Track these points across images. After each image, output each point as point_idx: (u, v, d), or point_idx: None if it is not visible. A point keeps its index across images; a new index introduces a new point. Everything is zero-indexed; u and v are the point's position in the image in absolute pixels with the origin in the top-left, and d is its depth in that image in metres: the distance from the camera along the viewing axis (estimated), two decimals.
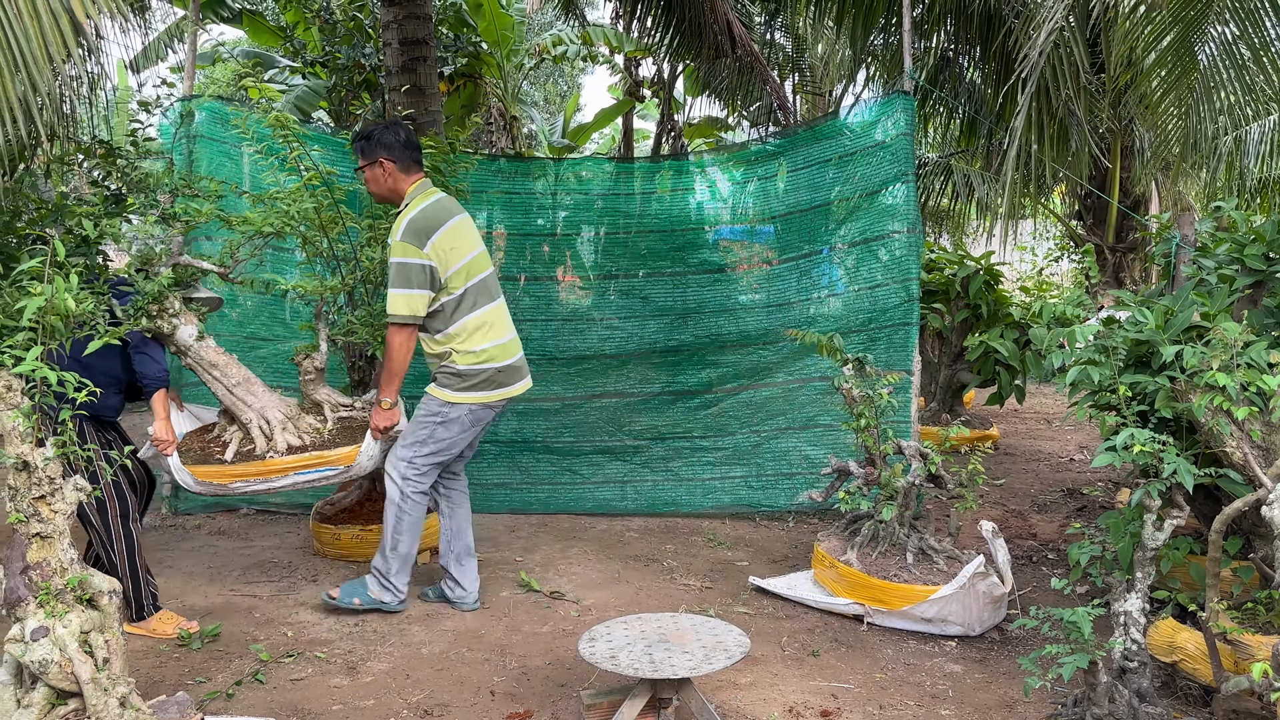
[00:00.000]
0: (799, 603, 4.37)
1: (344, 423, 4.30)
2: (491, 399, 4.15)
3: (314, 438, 4.15)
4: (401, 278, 3.91)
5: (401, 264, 3.90)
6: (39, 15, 3.86)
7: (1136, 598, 3.08)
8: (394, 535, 4.11)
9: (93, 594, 2.86)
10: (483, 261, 4.16)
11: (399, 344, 3.98)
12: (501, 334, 4.17)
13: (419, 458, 4.08)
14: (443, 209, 4.05)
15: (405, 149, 4.08)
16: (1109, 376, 3.29)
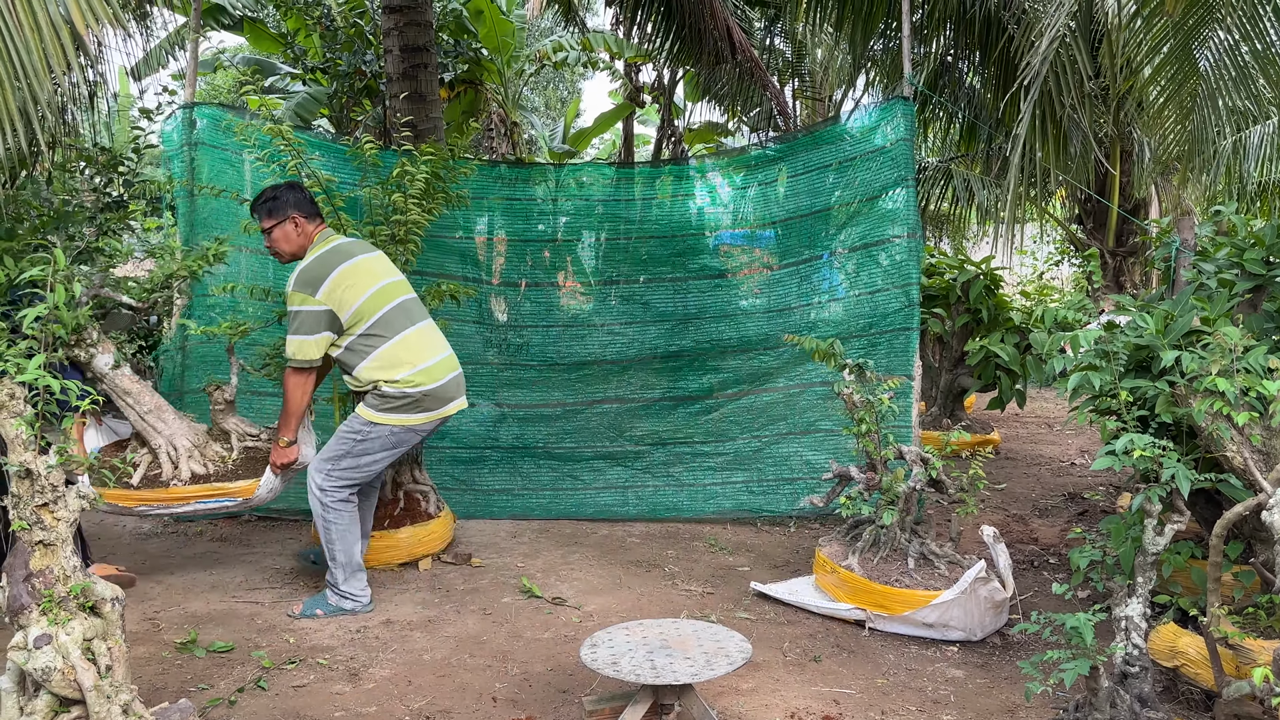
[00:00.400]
0: (800, 608, 4.37)
1: (250, 453, 4.44)
2: (415, 422, 4.24)
3: (218, 467, 4.32)
4: (295, 324, 4.10)
5: (294, 312, 4.10)
6: (39, 27, 3.87)
7: (1138, 603, 3.08)
8: (329, 546, 4.23)
9: (95, 601, 2.86)
10: (394, 290, 4.27)
11: (294, 386, 4.16)
12: (427, 357, 4.25)
13: (335, 470, 4.20)
14: (337, 254, 4.17)
15: (310, 204, 4.27)
16: (1110, 382, 3.30)
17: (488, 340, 6.39)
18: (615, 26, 10.53)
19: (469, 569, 4.92)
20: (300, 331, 4.09)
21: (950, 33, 7.68)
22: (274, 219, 4.19)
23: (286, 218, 4.18)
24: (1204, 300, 4.00)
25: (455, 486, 5.91)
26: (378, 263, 4.32)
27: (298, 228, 4.20)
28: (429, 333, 4.35)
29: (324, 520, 4.20)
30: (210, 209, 5.62)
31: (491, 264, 6.46)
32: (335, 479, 4.19)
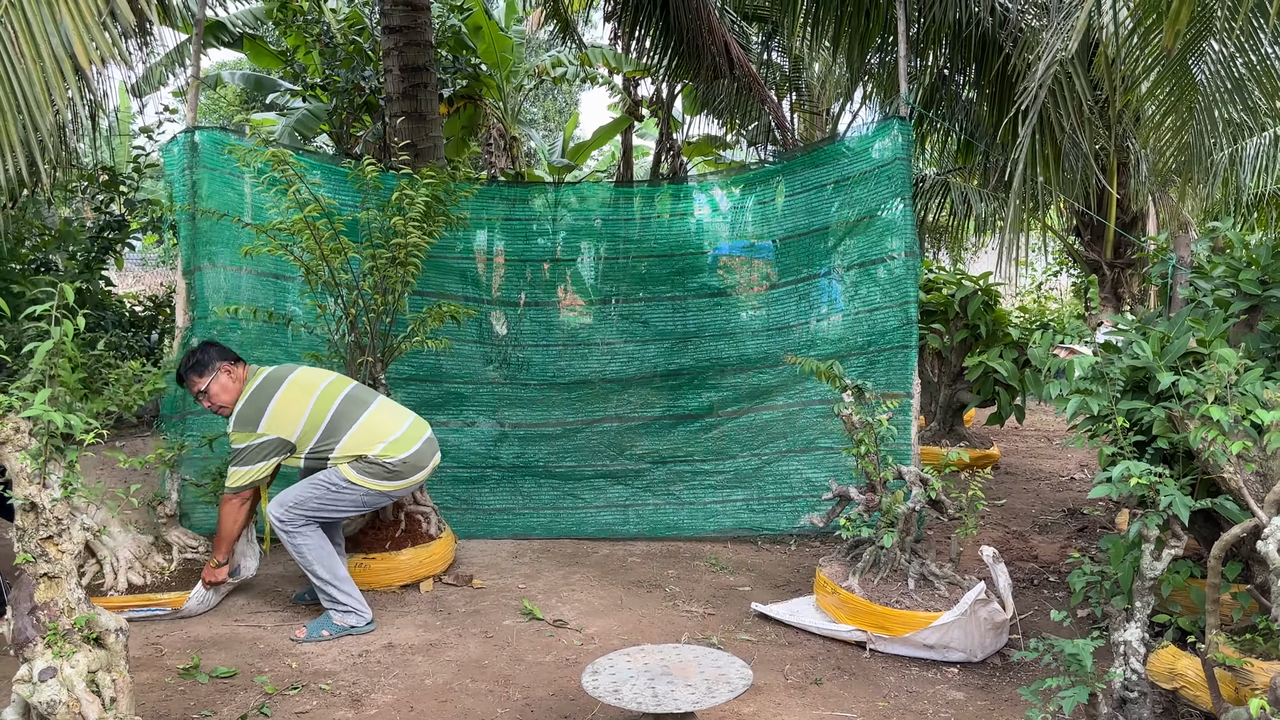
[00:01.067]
0: (801, 629, 4.38)
1: (189, 564, 4.76)
2: (391, 489, 4.43)
3: (156, 578, 4.62)
4: (240, 458, 4.27)
5: (241, 449, 4.26)
6: (41, 58, 3.91)
7: (1136, 627, 3.10)
8: (309, 570, 4.31)
9: (100, 633, 2.88)
10: (335, 388, 4.45)
11: (229, 513, 4.35)
12: (394, 429, 4.41)
13: (297, 509, 4.28)
14: (268, 384, 4.33)
15: (230, 351, 4.44)
16: (1106, 406, 3.32)
17: (488, 359, 6.42)
18: (614, 41, 10.58)
19: (470, 590, 4.93)
20: (245, 463, 4.26)
21: (946, 49, 7.71)
22: (205, 377, 4.30)
23: (216, 371, 4.31)
24: (1200, 321, 4.03)
25: (456, 506, 5.93)
26: (308, 375, 4.48)
27: (230, 376, 4.33)
28: (387, 408, 4.54)
29: (294, 548, 4.29)
30: (211, 230, 5.64)
31: (491, 283, 6.49)
32: (294, 513, 4.28)
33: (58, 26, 4.13)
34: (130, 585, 4.50)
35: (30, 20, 4.09)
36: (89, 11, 4.16)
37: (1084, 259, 10.91)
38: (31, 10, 4.09)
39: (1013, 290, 14.80)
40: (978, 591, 4.00)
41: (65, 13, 4.14)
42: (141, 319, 9.50)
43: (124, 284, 16.60)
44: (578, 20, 11.33)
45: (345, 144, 11.71)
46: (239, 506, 4.35)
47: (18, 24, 4.09)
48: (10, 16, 4.06)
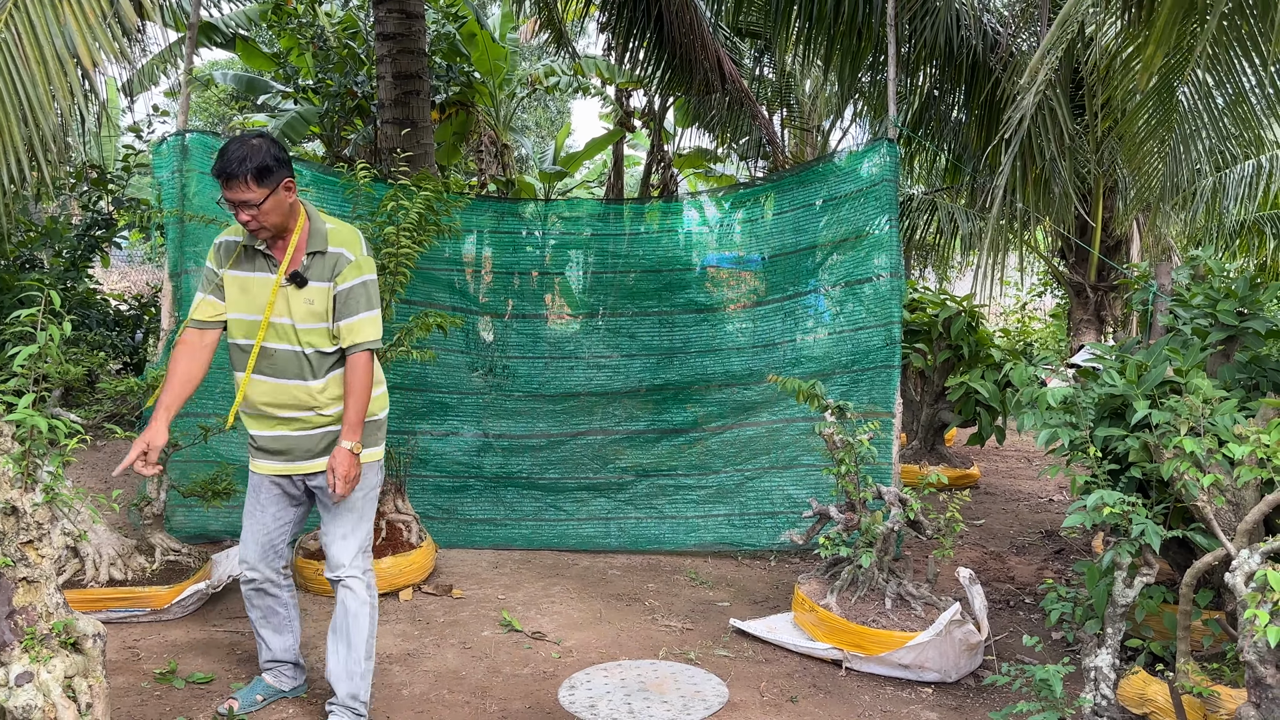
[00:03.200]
0: (779, 646, 4.41)
1: (170, 565, 4.71)
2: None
3: (137, 576, 4.57)
4: (368, 297, 3.34)
5: (364, 281, 3.33)
6: (45, 61, 3.93)
7: (1107, 653, 3.14)
8: (367, 644, 3.50)
9: (77, 637, 2.88)
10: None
11: (369, 373, 3.33)
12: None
13: (367, 552, 3.53)
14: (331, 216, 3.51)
15: (289, 157, 3.37)
16: (1081, 438, 3.36)
17: (473, 369, 6.43)
18: (607, 53, 10.64)
19: (450, 600, 4.94)
20: (376, 304, 3.36)
21: (936, 71, 7.80)
22: (268, 185, 3.18)
23: (280, 182, 3.22)
24: (1178, 350, 4.09)
25: (438, 516, 5.94)
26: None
27: (290, 192, 3.29)
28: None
29: (369, 608, 3.47)
30: (199, 233, 5.64)
31: (478, 293, 6.51)
32: (368, 560, 3.52)
33: (61, 28, 4.15)
34: (111, 580, 4.49)
35: (34, 21, 4.10)
36: (92, 12, 4.18)
37: (1068, 281, 11.01)
38: (35, 12, 4.10)
39: (997, 310, 14.92)
40: (953, 612, 4.04)
41: (69, 14, 4.16)
42: (126, 318, 9.48)
43: (109, 281, 16.52)
44: (571, 31, 11.37)
45: (335, 148, 11.72)
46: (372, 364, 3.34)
47: (22, 25, 4.10)
48: (14, 18, 4.08)
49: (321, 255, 3.29)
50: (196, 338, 3.36)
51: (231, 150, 3.17)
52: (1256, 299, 4.39)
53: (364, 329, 3.29)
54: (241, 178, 3.13)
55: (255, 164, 3.14)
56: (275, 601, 3.60)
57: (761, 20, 10.91)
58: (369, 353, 3.30)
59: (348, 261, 3.29)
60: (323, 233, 3.32)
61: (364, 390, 3.28)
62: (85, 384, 5.55)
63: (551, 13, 9.83)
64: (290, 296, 3.28)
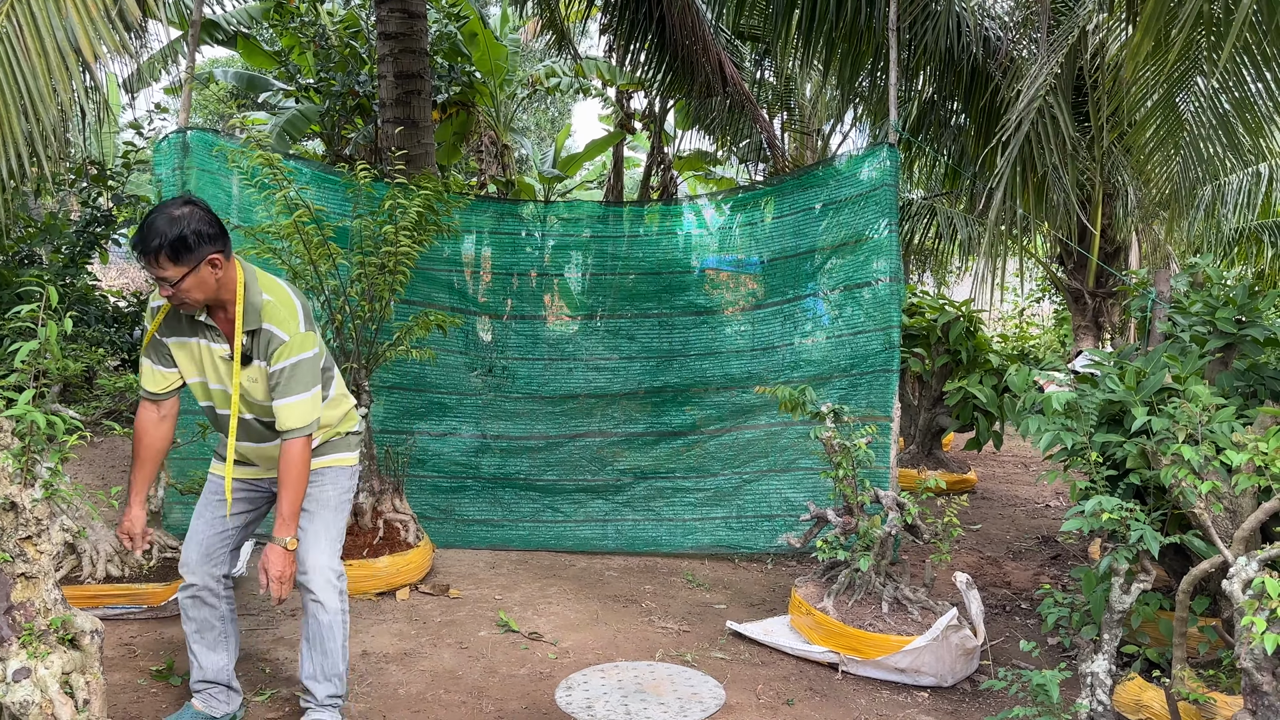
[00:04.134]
0: (775, 649, 4.41)
1: (167, 562, 4.71)
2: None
3: (134, 572, 4.58)
4: (302, 377, 3.11)
5: (297, 362, 3.11)
6: (46, 53, 3.92)
7: (1103, 659, 3.15)
8: (343, 648, 3.38)
9: (75, 634, 2.88)
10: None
11: (306, 459, 3.14)
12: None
13: (339, 545, 3.37)
14: (277, 277, 3.28)
15: (223, 228, 3.08)
16: (1081, 442, 3.37)
17: (472, 370, 6.43)
18: (608, 55, 10.65)
19: (447, 600, 4.94)
20: (312, 385, 3.14)
21: (936, 76, 7.81)
22: (187, 266, 2.92)
23: (201, 261, 2.94)
24: (1176, 358, 4.09)
25: (435, 516, 5.94)
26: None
27: (217, 267, 3.00)
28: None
29: (341, 617, 3.32)
30: None
31: (477, 294, 6.51)
32: (340, 565, 3.36)
33: (63, 21, 4.15)
34: (108, 576, 4.51)
35: (36, 14, 4.10)
36: (94, 5, 4.18)
37: (1066, 287, 11.03)
38: (37, 4, 4.10)
39: (995, 315, 14.94)
40: (950, 617, 4.05)
41: (71, 7, 4.16)
42: (125, 315, 9.47)
43: (108, 278, 16.50)
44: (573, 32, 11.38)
45: (336, 146, 11.72)
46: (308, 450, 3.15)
47: (23, 18, 4.10)
48: (16, 11, 4.08)
49: (256, 333, 3.10)
50: (153, 412, 3.24)
51: (150, 221, 2.92)
52: (1255, 307, 4.40)
53: (296, 413, 3.09)
54: (153, 256, 2.88)
55: (171, 239, 2.87)
56: (212, 614, 3.35)
57: (763, 24, 10.92)
58: (305, 439, 3.11)
59: (280, 342, 3.08)
60: (256, 308, 3.09)
61: (298, 480, 3.10)
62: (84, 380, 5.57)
63: (553, 14, 9.84)
64: (241, 374, 3.15)
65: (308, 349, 3.12)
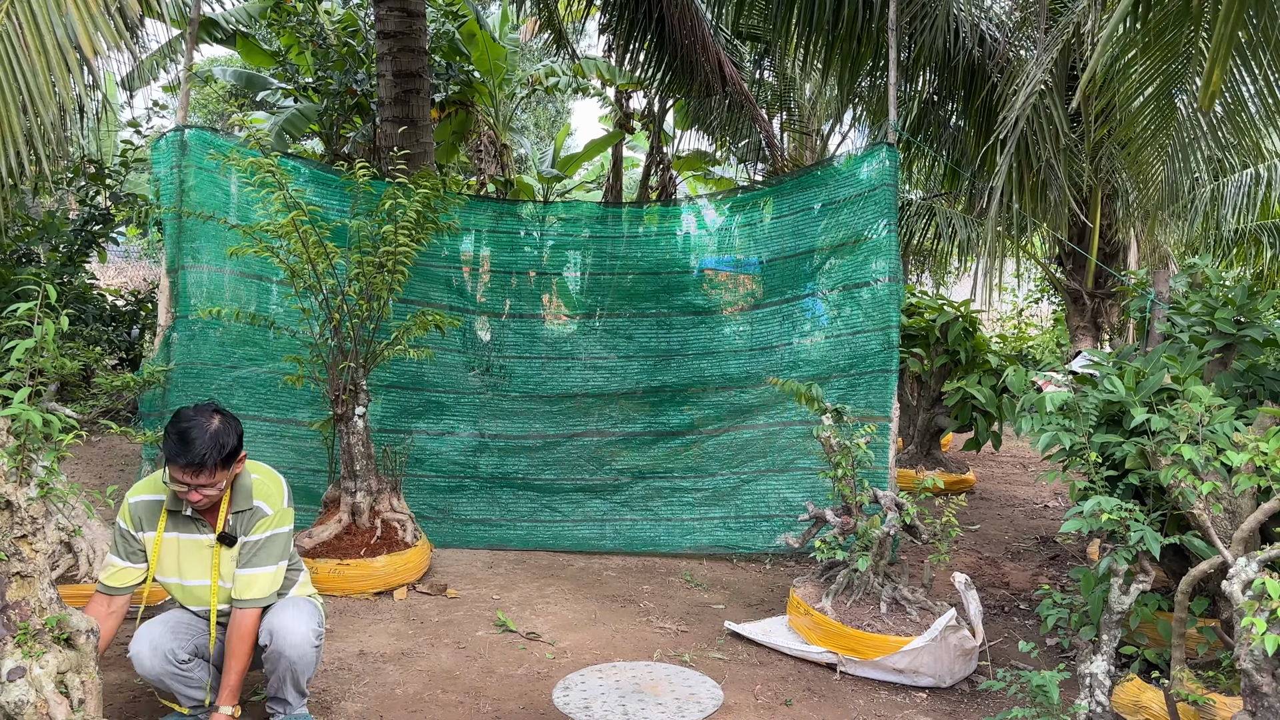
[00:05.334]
0: (773, 649, 4.40)
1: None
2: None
3: None
4: (275, 550, 3.26)
5: (273, 536, 3.26)
6: (45, 50, 3.91)
7: (1102, 660, 3.14)
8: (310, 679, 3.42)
9: (70, 633, 2.87)
10: None
11: (251, 635, 3.21)
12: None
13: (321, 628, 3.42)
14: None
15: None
16: (1079, 442, 3.36)
17: (470, 368, 6.43)
18: (608, 54, 10.63)
19: (444, 600, 4.93)
20: (281, 557, 3.29)
21: (934, 76, 7.81)
22: (225, 469, 3.14)
23: (238, 458, 3.20)
24: (1175, 358, 4.09)
25: (433, 516, 5.93)
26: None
27: (241, 464, 3.26)
28: None
29: (314, 659, 3.33)
30: (197, 229, 5.64)
31: (475, 293, 6.50)
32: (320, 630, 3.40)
33: (62, 18, 4.13)
34: None
35: (35, 11, 4.09)
36: (94, 2, 4.17)
37: (1065, 287, 11.03)
38: (37, 1, 4.09)
39: (994, 315, 14.94)
40: (949, 618, 4.04)
41: (71, 4, 4.14)
42: (123, 313, 9.46)
43: (106, 276, 16.49)
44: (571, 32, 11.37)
45: (334, 145, 11.71)
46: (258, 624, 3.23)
47: (23, 15, 4.09)
48: (15, 8, 4.06)
49: (245, 512, 3.22)
50: (104, 605, 3.20)
51: (192, 436, 3.03)
52: (1254, 307, 4.39)
53: (259, 584, 3.20)
54: (210, 469, 3.05)
55: (225, 454, 3.08)
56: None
57: (762, 24, 10.92)
58: (257, 612, 3.20)
59: (263, 515, 3.22)
60: (247, 488, 3.24)
61: (246, 652, 3.16)
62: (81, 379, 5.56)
63: (552, 14, 9.82)
64: (222, 557, 3.21)
65: (285, 525, 3.27)
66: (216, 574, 3.21)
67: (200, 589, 3.24)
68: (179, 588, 3.27)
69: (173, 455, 3.04)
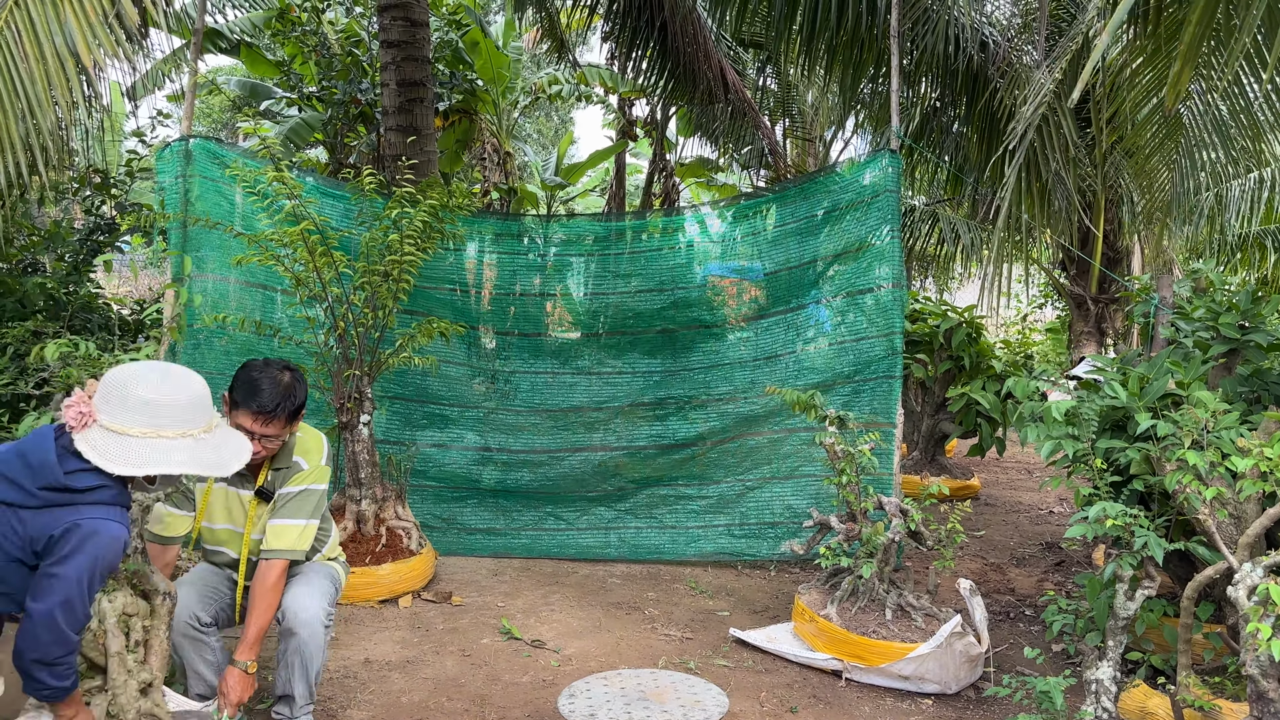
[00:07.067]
0: (779, 656, 4.40)
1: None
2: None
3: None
4: (313, 505, 3.33)
5: (318, 491, 3.35)
6: (44, 58, 3.93)
7: (1108, 666, 3.13)
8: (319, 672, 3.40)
9: (147, 589, 2.87)
10: None
11: (281, 585, 3.26)
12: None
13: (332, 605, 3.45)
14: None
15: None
16: (1084, 449, 3.36)
17: (474, 379, 6.43)
18: (610, 62, 10.67)
19: (449, 607, 4.93)
20: (313, 514, 3.33)
21: (937, 82, 7.81)
22: (294, 421, 3.27)
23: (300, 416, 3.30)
24: (1180, 363, 4.09)
25: (438, 524, 5.93)
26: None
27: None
28: None
29: (323, 646, 3.34)
30: (202, 238, 5.66)
31: (480, 306, 6.51)
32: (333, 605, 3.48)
33: (61, 26, 4.15)
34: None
35: (34, 19, 4.11)
36: (93, 11, 4.19)
37: (1069, 293, 11.02)
38: (36, 9, 4.11)
39: (998, 321, 14.92)
40: (954, 624, 4.03)
41: (69, 12, 4.16)
42: (129, 323, 9.48)
43: (111, 286, 16.53)
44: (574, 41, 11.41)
45: (339, 154, 11.74)
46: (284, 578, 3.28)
47: (21, 23, 4.11)
48: (14, 16, 4.09)
49: (284, 469, 3.30)
50: (159, 555, 3.26)
51: (268, 386, 3.12)
52: (1258, 312, 4.39)
53: (288, 535, 3.24)
54: (280, 417, 3.14)
55: (295, 407, 3.18)
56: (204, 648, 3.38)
57: (764, 31, 10.94)
58: (283, 564, 3.22)
59: (300, 469, 3.30)
60: (289, 445, 3.32)
61: (269, 604, 3.18)
62: None
63: (554, 23, 9.86)
64: (259, 511, 3.29)
65: (321, 482, 3.33)
66: (250, 526, 3.26)
67: (234, 539, 3.29)
68: (215, 531, 3.30)
69: (244, 402, 3.10)
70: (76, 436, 2.37)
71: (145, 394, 2.43)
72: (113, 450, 2.37)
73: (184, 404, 2.49)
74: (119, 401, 2.41)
